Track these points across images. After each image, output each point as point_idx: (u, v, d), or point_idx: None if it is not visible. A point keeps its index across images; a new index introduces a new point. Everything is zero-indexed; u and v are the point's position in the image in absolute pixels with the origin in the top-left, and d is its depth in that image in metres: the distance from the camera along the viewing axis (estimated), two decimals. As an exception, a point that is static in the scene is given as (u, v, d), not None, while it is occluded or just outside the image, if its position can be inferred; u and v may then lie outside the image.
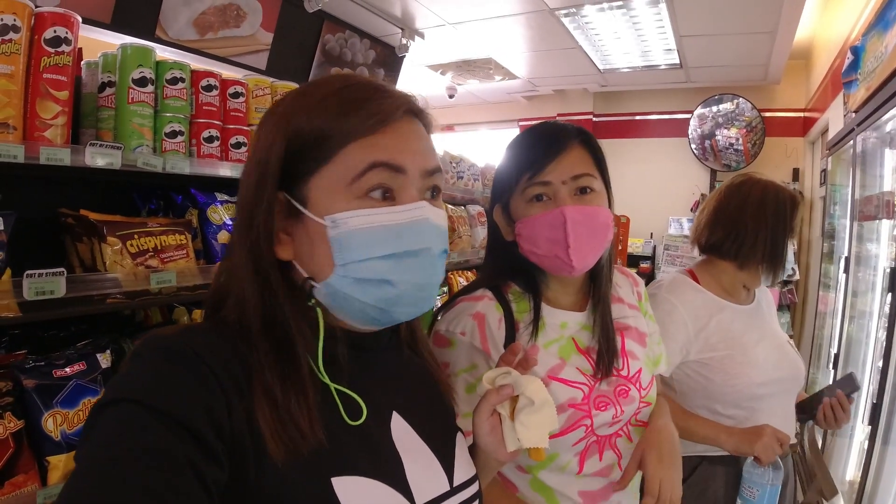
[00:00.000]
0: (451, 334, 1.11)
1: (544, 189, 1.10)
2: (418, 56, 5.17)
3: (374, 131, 0.72)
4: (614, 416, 1.12)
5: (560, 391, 1.09)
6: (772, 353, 1.63)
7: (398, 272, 0.71)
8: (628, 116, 6.79)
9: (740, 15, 4.16)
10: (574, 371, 1.12)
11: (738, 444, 1.47)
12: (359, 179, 0.71)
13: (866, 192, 3.25)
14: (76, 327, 1.58)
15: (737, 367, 1.58)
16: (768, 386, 1.58)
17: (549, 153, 1.09)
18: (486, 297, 1.14)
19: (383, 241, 0.71)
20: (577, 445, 1.11)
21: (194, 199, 1.76)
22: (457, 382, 1.08)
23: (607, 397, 1.13)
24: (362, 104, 0.72)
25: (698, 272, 1.74)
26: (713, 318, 1.63)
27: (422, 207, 0.73)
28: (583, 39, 4.83)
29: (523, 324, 1.13)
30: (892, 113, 2.55)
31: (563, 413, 1.08)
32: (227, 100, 1.83)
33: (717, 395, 1.59)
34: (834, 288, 3.92)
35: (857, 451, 3.11)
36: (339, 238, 0.71)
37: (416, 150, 0.75)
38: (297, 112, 0.74)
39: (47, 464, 1.21)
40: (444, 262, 0.78)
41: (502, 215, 1.19)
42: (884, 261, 3.10)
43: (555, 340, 1.14)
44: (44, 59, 1.29)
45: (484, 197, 3.41)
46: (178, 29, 2.99)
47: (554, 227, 1.08)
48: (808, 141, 5.78)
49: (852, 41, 3.43)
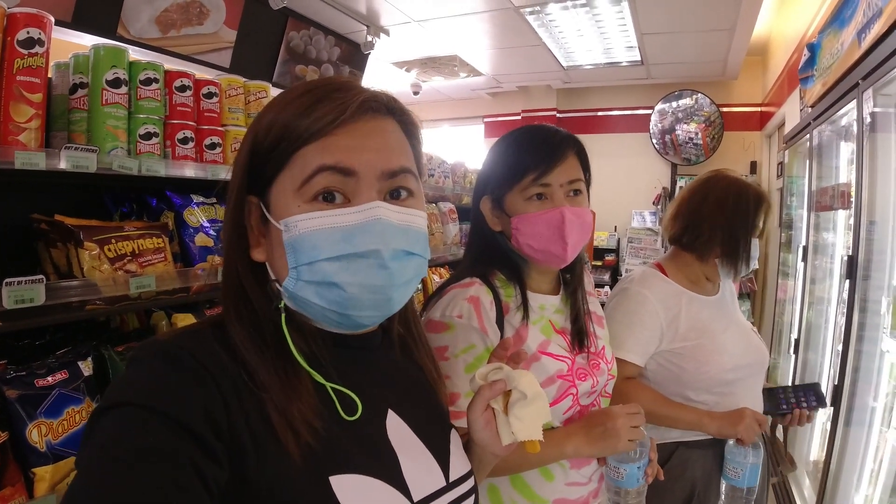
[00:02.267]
0: (448, 318, 1.17)
1: (545, 189, 1.20)
2: (383, 53, 5.16)
3: (328, 132, 0.71)
4: (592, 386, 1.26)
5: (550, 364, 1.20)
6: (739, 341, 1.70)
7: (346, 275, 0.70)
8: (591, 112, 6.90)
9: (700, 13, 4.28)
10: (556, 347, 1.24)
11: (720, 427, 1.57)
12: (307, 183, 0.71)
13: (822, 184, 3.38)
14: (52, 335, 1.53)
15: (707, 354, 1.63)
16: (737, 371, 1.65)
17: (554, 158, 1.20)
18: (476, 283, 1.21)
19: (330, 243, 0.70)
20: (566, 414, 1.22)
21: (170, 202, 1.73)
22: (456, 363, 1.13)
23: (585, 369, 1.26)
24: (317, 105, 0.72)
25: (666, 265, 1.79)
26: (682, 308, 1.69)
27: (373, 208, 0.71)
28: (547, 37, 4.89)
29: (512, 306, 1.22)
30: (847, 107, 2.65)
31: (554, 384, 1.20)
32: (200, 100, 1.80)
33: (689, 382, 1.65)
34: (793, 276, 4.06)
35: (819, 432, 3.24)
36: (291, 241, 0.71)
37: (373, 150, 0.73)
38: (263, 117, 0.75)
39: (33, 475, 1.17)
40: (414, 263, 0.76)
41: (491, 207, 1.27)
42: (840, 249, 3.23)
43: (538, 320, 1.26)
44: (17, 61, 1.25)
45: (454, 194, 3.43)
46: (139, 27, 2.93)
47: (553, 224, 1.19)
48: (764, 135, 5.97)
49: (808, 38, 3.56)
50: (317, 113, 0.71)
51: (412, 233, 0.75)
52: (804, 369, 3.51)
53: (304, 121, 0.71)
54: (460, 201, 3.52)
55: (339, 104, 0.72)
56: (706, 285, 1.77)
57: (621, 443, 1.14)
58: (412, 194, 0.78)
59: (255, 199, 0.75)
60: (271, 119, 0.73)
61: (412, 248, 0.75)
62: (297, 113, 0.72)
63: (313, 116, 0.71)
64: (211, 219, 1.78)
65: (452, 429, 0.90)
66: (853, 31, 2.55)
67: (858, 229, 2.41)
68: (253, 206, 0.75)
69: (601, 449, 1.16)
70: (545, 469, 1.21)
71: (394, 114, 0.79)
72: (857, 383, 2.40)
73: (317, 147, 0.71)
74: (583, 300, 1.33)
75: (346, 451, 0.71)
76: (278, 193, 0.73)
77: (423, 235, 0.77)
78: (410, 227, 0.75)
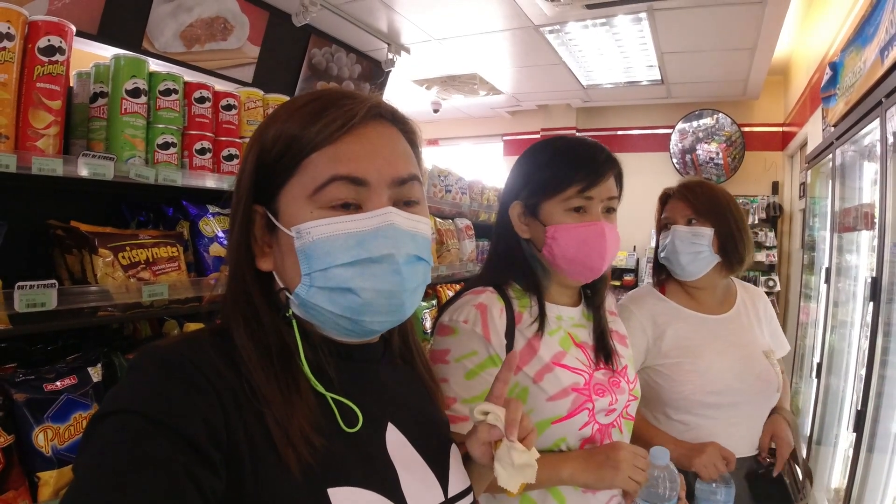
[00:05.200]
0: (454, 322, 1.18)
1: (586, 203, 1.21)
2: (404, 71, 5.21)
3: (337, 139, 0.72)
4: (610, 404, 1.22)
5: (564, 376, 1.19)
6: (734, 364, 1.64)
7: (361, 280, 0.70)
8: (611, 131, 6.88)
9: (720, 32, 4.25)
10: (574, 360, 1.23)
11: (679, 456, 1.51)
12: (320, 191, 0.71)
13: (846, 204, 3.32)
14: (64, 341, 1.55)
15: (683, 374, 1.62)
16: (724, 395, 1.60)
17: (600, 174, 1.22)
18: (488, 290, 1.22)
19: (344, 249, 0.70)
20: (582, 430, 1.18)
21: (186, 211, 1.75)
22: (456, 368, 1.14)
23: (604, 386, 1.23)
24: (324, 112, 0.72)
25: (668, 283, 1.80)
26: (671, 326, 1.68)
27: (386, 213, 0.72)
28: (566, 56, 4.90)
29: (527, 315, 1.22)
30: (870, 126, 2.61)
31: (568, 397, 1.17)
32: (219, 112, 1.82)
33: (665, 400, 1.64)
34: (815, 298, 3.98)
35: (841, 458, 3.14)
36: (304, 248, 0.71)
37: (384, 157, 0.74)
38: (270, 125, 0.75)
39: (37, 479, 1.17)
40: (422, 268, 0.76)
41: (522, 213, 1.27)
42: (864, 270, 3.16)
43: (555, 331, 1.24)
44: (37, 69, 1.27)
45: (472, 210, 3.43)
46: (164, 41, 2.99)
47: (593, 238, 1.21)
48: (786, 155, 5.89)
49: (830, 57, 3.52)
50: (325, 119, 0.72)
51: (420, 238, 0.76)
52: (826, 394, 3.42)
53: (312, 127, 0.71)
54: (477, 218, 3.52)
55: (347, 111, 0.72)
56: (710, 302, 1.75)
57: (619, 476, 1.08)
58: (419, 201, 0.78)
59: (260, 208, 0.75)
60: (279, 127, 0.73)
61: (421, 252, 0.76)
62: (305, 120, 0.72)
63: (321, 123, 0.71)
64: (226, 229, 1.79)
65: (452, 443, 0.89)
66: (876, 48, 2.52)
67: (882, 250, 2.36)
68: (258, 215, 0.75)
69: (597, 478, 1.11)
70: (556, 491, 1.18)
71: (397, 122, 0.79)
72: (881, 409, 2.34)
73: (326, 154, 0.71)
74: (606, 316, 1.33)
75: (345, 463, 0.70)
76: (288, 201, 0.73)
77: (428, 241, 0.78)
78: (418, 233, 0.76)
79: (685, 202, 1.72)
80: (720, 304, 1.76)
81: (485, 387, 1.11)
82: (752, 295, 1.83)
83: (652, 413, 1.69)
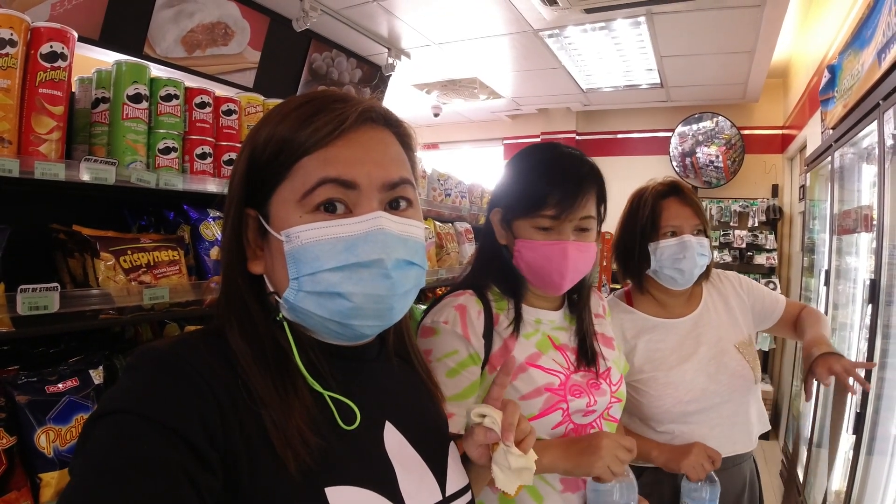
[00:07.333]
0: (435, 324, 1.21)
1: (555, 224, 1.22)
2: (404, 75, 5.22)
3: (328, 143, 0.72)
4: (588, 405, 1.24)
5: (538, 376, 1.22)
6: (707, 365, 1.63)
7: (349, 284, 0.70)
8: (610, 135, 6.89)
9: (719, 35, 4.26)
10: (551, 361, 1.25)
11: (667, 461, 1.53)
12: (309, 195, 0.71)
13: (845, 207, 3.32)
14: (66, 344, 1.56)
15: (660, 388, 1.60)
16: (703, 400, 1.60)
17: (576, 195, 1.20)
18: (468, 293, 1.26)
19: (333, 253, 0.69)
20: (556, 429, 1.21)
21: (186, 215, 1.76)
22: (438, 367, 1.16)
23: (581, 387, 1.25)
24: (316, 116, 0.72)
25: (633, 291, 1.76)
26: (640, 339, 1.65)
27: (375, 218, 0.71)
28: (566, 60, 4.91)
29: (504, 317, 1.26)
30: (868, 129, 2.62)
31: (541, 396, 1.20)
32: (220, 117, 1.84)
33: (648, 415, 1.62)
34: (815, 300, 3.98)
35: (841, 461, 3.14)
36: (293, 252, 0.71)
37: (374, 161, 0.74)
38: (262, 127, 0.76)
39: (39, 481, 1.19)
40: (414, 273, 0.76)
41: (500, 220, 1.31)
42: (864, 273, 3.16)
43: (532, 334, 1.28)
44: (39, 74, 1.29)
45: (471, 214, 3.44)
46: (166, 46, 3.01)
47: (553, 257, 1.22)
48: (786, 157, 5.90)
49: (829, 60, 3.53)
50: (316, 123, 0.71)
51: (411, 243, 0.75)
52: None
53: (303, 131, 0.71)
54: (477, 221, 3.53)
55: (338, 115, 0.72)
56: (675, 306, 1.72)
57: (599, 463, 1.07)
58: (411, 204, 0.78)
59: (252, 211, 0.75)
60: (270, 131, 0.74)
61: (412, 257, 0.75)
62: (296, 124, 0.72)
63: (312, 127, 0.71)
64: (225, 232, 1.80)
65: (451, 442, 0.89)
66: (873, 51, 2.53)
67: (881, 253, 2.36)
68: (251, 218, 0.76)
69: (576, 465, 1.10)
70: (533, 489, 1.20)
71: (390, 125, 0.79)
72: (880, 411, 2.33)
73: (317, 158, 0.71)
74: (589, 321, 1.34)
75: (342, 462, 0.70)
76: (278, 205, 0.73)
77: (421, 246, 0.77)
78: (410, 238, 0.75)
79: (692, 209, 1.63)
80: (687, 304, 1.73)
81: (466, 384, 1.17)
82: (717, 286, 1.78)
83: (634, 426, 1.67)
